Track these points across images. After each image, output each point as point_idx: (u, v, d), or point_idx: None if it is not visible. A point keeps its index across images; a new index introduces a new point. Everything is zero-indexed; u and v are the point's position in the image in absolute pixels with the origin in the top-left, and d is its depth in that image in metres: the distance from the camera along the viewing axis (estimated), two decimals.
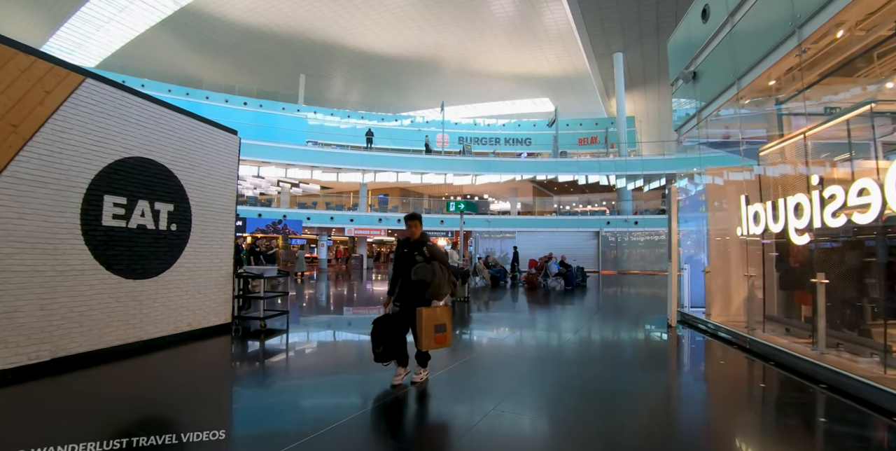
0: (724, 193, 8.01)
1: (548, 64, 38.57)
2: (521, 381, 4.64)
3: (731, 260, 7.60)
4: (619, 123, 30.92)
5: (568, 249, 28.01)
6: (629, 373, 5.06)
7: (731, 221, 7.86)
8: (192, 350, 5.71)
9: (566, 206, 36.05)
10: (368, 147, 27.45)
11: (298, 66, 38.70)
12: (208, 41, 34.49)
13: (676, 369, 5.61)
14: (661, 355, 6.25)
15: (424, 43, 35.87)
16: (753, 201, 6.22)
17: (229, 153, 7.08)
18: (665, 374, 5.25)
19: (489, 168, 28.12)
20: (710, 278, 7.64)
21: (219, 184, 6.79)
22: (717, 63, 7.17)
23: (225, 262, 6.86)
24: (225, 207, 6.90)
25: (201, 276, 6.37)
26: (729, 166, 8.34)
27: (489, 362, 5.37)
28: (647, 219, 27.93)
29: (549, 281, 15.44)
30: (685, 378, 5.18)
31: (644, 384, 4.61)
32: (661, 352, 6.43)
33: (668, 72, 32.99)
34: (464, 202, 21.38)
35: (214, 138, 6.81)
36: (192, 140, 6.37)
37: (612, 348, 6.60)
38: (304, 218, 24.74)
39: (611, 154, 31.83)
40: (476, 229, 27.49)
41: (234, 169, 7.16)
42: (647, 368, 5.45)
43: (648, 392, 4.34)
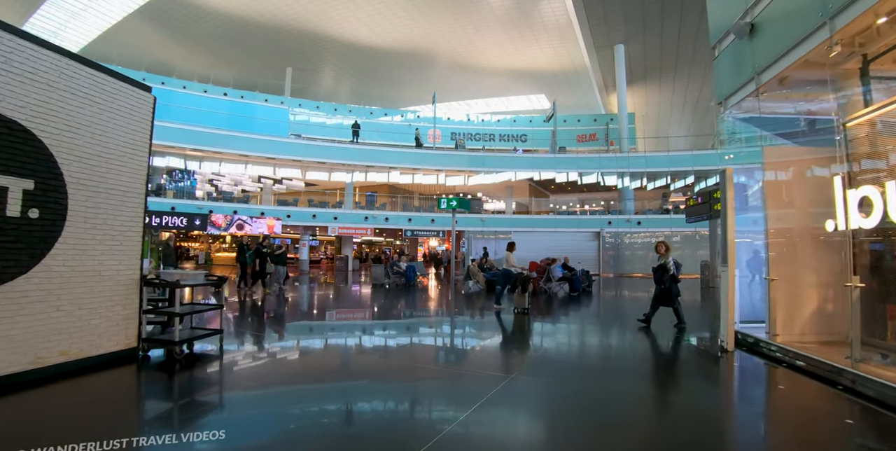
0: (797, 180, 6.26)
1: (544, 57, 36.96)
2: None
3: (804, 265, 5.87)
4: (621, 118, 29.34)
5: (567, 250, 26.28)
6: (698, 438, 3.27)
7: (802, 216, 6.14)
8: (58, 394, 3.86)
9: (564, 205, 34.37)
10: (354, 141, 25.58)
11: (284, 58, 36.80)
12: (189, 31, 32.48)
13: (775, 434, 3.80)
14: (738, 404, 4.48)
15: (416, 34, 34.12)
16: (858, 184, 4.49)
17: (137, 116, 5.21)
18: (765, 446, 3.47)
19: (484, 164, 26.35)
20: (776, 287, 5.90)
21: (117, 156, 4.92)
22: (793, 3, 5.45)
23: (128, 264, 5.00)
24: (128, 188, 5.04)
25: (83, 284, 4.51)
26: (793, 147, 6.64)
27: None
28: (650, 219, 26.32)
29: (553, 286, 13.68)
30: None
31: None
32: (732, 395, 4.66)
33: (673, 64, 31.39)
34: (456, 199, 19.64)
35: (112, 93, 4.93)
36: (73, 92, 4.51)
37: (655, 389, 4.82)
38: (283, 215, 22.82)
39: (610, 151, 30.21)
40: (469, 229, 25.71)
41: (144, 137, 5.27)
42: (723, 430, 3.67)
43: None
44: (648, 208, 28.97)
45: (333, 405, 3.84)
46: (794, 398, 4.36)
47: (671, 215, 26.61)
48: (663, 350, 6.49)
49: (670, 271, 7.64)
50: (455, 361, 5.77)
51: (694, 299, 13.58)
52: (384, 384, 4.42)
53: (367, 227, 24.79)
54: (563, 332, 8.01)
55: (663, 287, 7.70)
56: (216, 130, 21.94)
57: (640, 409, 3.95)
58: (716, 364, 5.46)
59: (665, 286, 7.68)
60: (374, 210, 25.55)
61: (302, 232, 26.21)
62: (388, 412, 3.71)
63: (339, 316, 9.72)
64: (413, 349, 6.53)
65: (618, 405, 3.99)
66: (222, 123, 22.69)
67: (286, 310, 9.91)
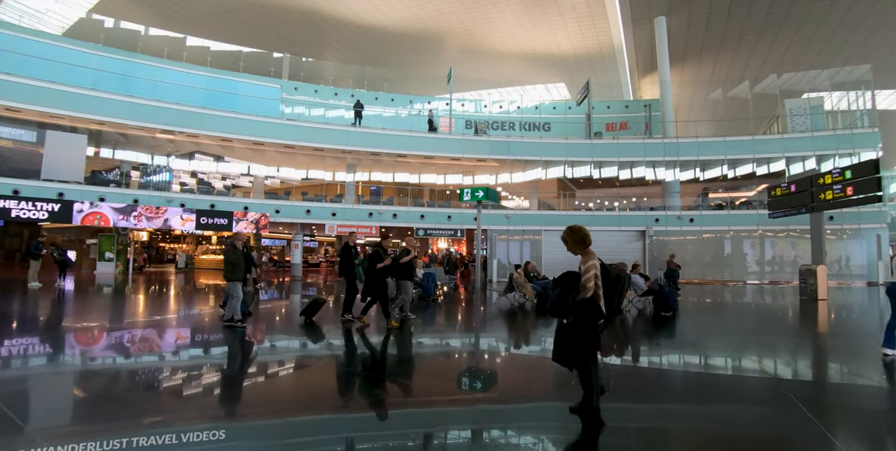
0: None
1: (567, 37, 33.16)
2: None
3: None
4: (664, 100, 25.43)
5: (607, 253, 22.25)
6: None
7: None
8: None
9: (591, 203, 30.38)
10: (357, 123, 21.79)
11: (280, 42, 33.18)
12: (180, 11, 28.82)
13: None
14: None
15: (427, 12, 30.43)
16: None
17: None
18: None
19: (508, 151, 22.46)
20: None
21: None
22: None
23: None
24: None
25: None
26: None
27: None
28: (704, 216, 22.36)
29: (633, 302, 9.79)
30: None
31: None
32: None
33: (718, 41, 27.28)
34: (482, 189, 15.81)
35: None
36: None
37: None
38: (271, 210, 19.00)
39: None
40: (491, 228, 21.77)
41: None
42: None
43: None
44: (697, 204, 24.95)
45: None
46: None
47: (728, 211, 22.66)
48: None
49: (592, 296, 3.33)
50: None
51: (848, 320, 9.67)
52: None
53: (372, 224, 20.93)
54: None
55: (565, 322, 3.44)
56: (191, 108, 18.23)
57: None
58: None
59: (567, 322, 3.42)
60: (380, 205, 21.70)
61: (298, 230, 22.19)
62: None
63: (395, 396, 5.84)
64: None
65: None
66: (198, 100, 18.97)
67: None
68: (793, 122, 24.70)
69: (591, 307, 3.31)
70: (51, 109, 16.31)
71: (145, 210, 16.22)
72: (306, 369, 5.53)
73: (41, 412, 3.63)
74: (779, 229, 21.23)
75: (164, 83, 19.14)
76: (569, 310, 3.36)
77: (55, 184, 15.85)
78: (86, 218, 15.50)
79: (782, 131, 24.36)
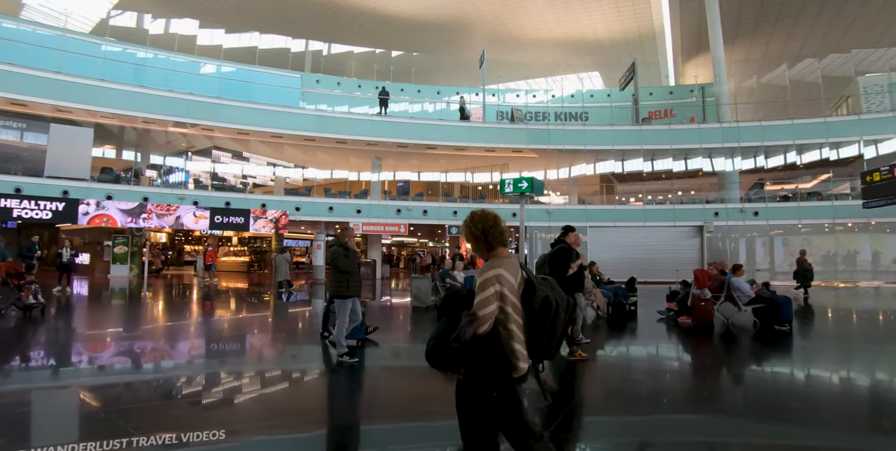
0: None
1: (603, 20, 30.91)
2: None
3: None
4: (718, 82, 22.89)
5: (660, 251, 20.15)
6: None
7: None
8: None
9: (641, 196, 27.99)
10: (382, 112, 20.10)
11: (302, 33, 31.90)
12: (203, 5, 27.78)
13: None
14: None
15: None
16: None
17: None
18: None
19: (548, 140, 20.42)
20: None
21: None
22: None
23: None
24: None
25: None
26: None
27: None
28: (771, 209, 19.88)
29: (735, 311, 7.73)
30: None
31: None
32: None
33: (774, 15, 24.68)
34: (527, 179, 13.58)
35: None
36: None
37: None
38: (291, 208, 17.45)
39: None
40: (530, 225, 19.74)
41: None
42: None
43: None
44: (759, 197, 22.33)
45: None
46: None
47: (798, 203, 20.10)
48: None
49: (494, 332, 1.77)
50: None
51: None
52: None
53: (401, 222, 19.18)
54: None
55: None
56: (205, 98, 16.83)
57: None
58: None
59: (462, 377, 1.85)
60: (409, 201, 19.94)
61: (321, 229, 20.45)
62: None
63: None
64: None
65: None
66: (213, 90, 17.57)
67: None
68: (868, 101, 21.93)
69: (492, 352, 1.77)
70: (58, 101, 15.13)
71: (156, 207, 14.86)
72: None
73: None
74: (859, 221, 18.67)
75: (178, 73, 17.82)
76: (455, 357, 1.73)
77: (60, 181, 14.62)
78: (92, 220, 14.21)
79: (855, 112, 21.64)
